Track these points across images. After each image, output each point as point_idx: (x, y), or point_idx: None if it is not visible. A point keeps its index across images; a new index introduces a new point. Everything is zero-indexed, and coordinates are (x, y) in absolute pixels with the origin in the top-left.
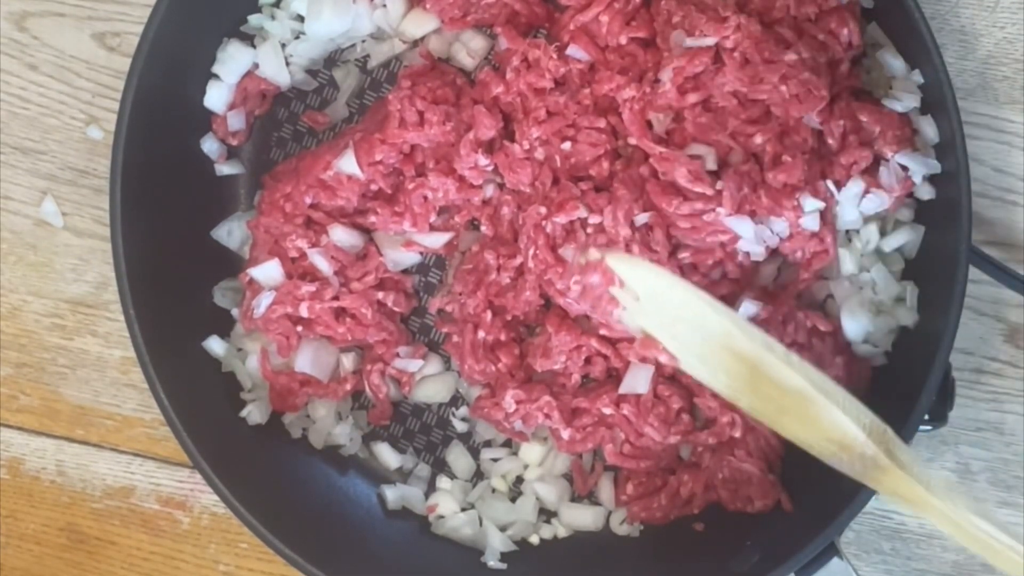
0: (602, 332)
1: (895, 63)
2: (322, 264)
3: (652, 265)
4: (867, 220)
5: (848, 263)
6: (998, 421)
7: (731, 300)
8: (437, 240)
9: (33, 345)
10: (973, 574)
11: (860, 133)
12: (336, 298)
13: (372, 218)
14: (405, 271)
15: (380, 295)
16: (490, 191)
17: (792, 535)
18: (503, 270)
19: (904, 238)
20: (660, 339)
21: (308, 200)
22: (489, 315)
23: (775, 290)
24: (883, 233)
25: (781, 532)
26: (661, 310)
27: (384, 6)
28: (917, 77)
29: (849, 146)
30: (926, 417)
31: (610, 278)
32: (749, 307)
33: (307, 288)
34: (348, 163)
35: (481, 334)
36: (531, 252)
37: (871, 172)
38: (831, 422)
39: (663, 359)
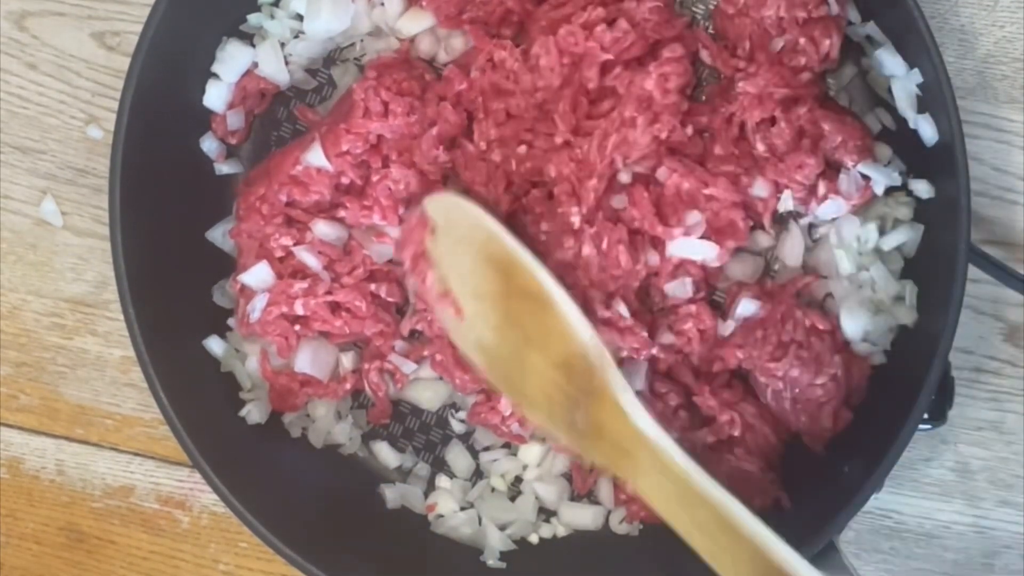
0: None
1: (893, 62)
2: (310, 260)
3: (450, 193)
4: (867, 219)
5: (846, 262)
6: (998, 420)
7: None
8: None
9: (33, 344)
10: (973, 574)
11: (821, 141)
12: (330, 292)
13: (342, 212)
14: (393, 260)
15: (372, 286)
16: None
17: (792, 534)
18: None
19: (903, 237)
20: (448, 278)
21: (283, 198)
22: None
23: (773, 288)
24: (882, 232)
25: (780, 531)
26: (449, 233)
27: (382, 4)
28: (916, 76)
29: (799, 150)
30: (925, 416)
31: (424, 223)
32: (747, 305)
33: (300, 285)
34: (316, 156)
35: None
36: None
37: (830, 178)
38: (566, 328)
39: (450, 315)
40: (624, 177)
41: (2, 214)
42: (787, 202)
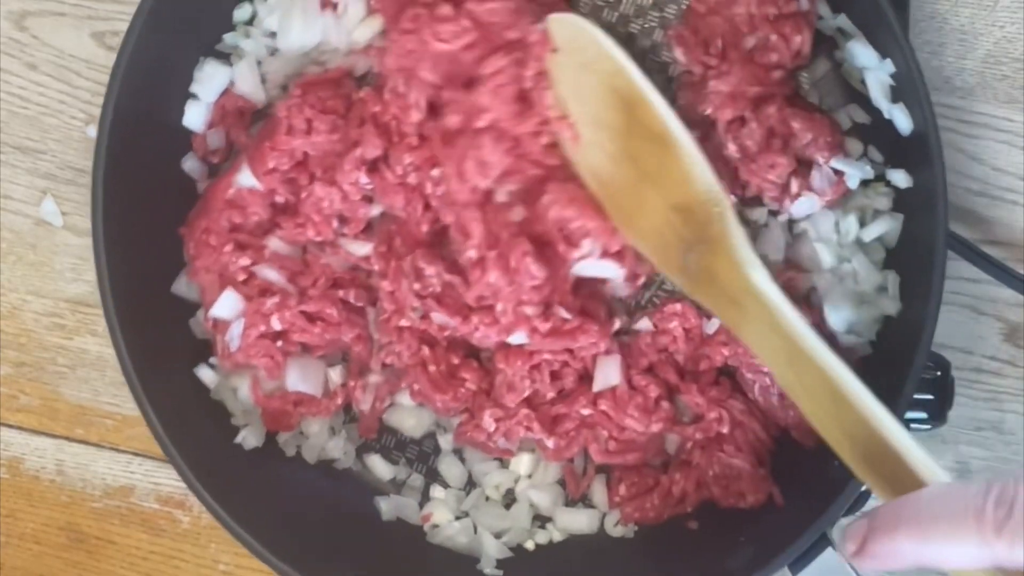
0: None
1: (865, 53)
2: (272, 275)
3: (576, 16)
4: (847, 211)
5: (827, 256)
6: (997, 420)
7: None
8: (359, 248)
9: (33, 344)
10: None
11: (791, 140)
12: (300, 303)
13: (279, 232)
14: (354, 268)
15: (340, 292)
16: (377, 211)
17: (785, 528)
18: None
19: (883, 227)
20: (567, 100)
21: (225, 224)
22: (426, 350)
23: None
24: (863, 223)
25: (774, 526)
26: (572, 56)
27: (347, 13)
28: (888, 66)
29: (770, 150)
30: (925, 416)
31: (545, 41)
32: None
33: (271, 301)
34: (245, 177)
35: (432, 368)
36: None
37: (803, 175)
38: (688, 173)
39: (566, 137)
40: (501, 197)
41: (2, 214)
42: (803, 206)
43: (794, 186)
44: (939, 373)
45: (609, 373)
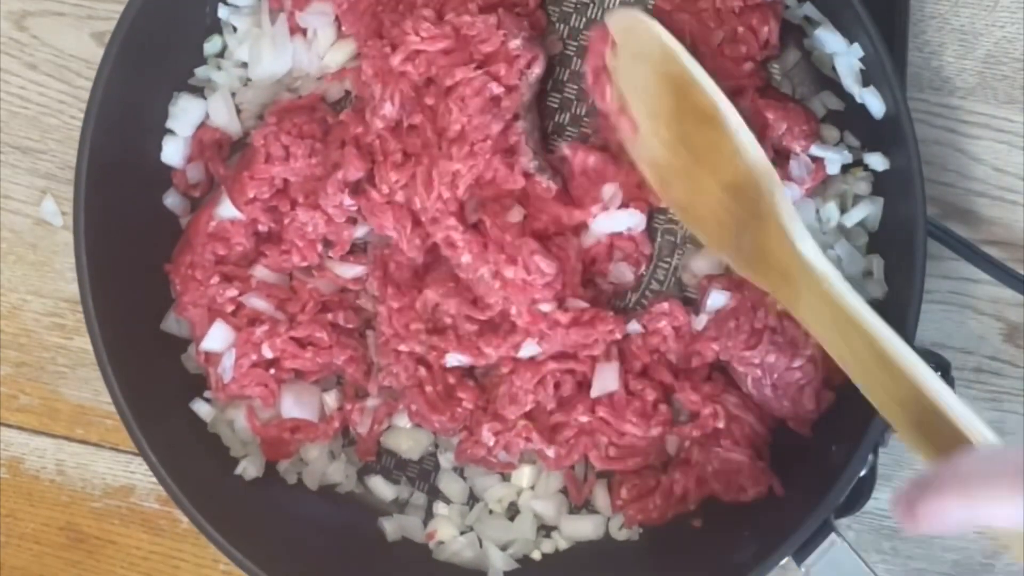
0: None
1: (833, 39)
2: (260, 304)
3: (632, 9)
4: (826, 199)
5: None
6: (998, 420)
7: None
8: (347, 271)
9: (33, 344)
10: (973, 574)
11: (767, 131)
12: (291, 330)
13: (264, 260)
14: (342, 290)
15: (329, 316)
16: (362, 231)
17: (787, 518)
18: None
19: (864, 211)
20: (625, 93)
21: (210, 257)
22: (423, 370)
23: (742, 278)
24: (843, 209)
25: (776, 517)
26: (627, 47)
27: (316, 38)
28: (857, 51)
29: None
30: None
31: (605, 37)
32: (718, 297)
33: (261, 329)
34: (226, 208)
35: (428, 389)
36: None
37: (781, 166)
38: (737, 149)
39: (625, 131)
40: (471, 208)
41: (2, 214)
42: None
43: None
44: (939, 373)
45: (608, 379)
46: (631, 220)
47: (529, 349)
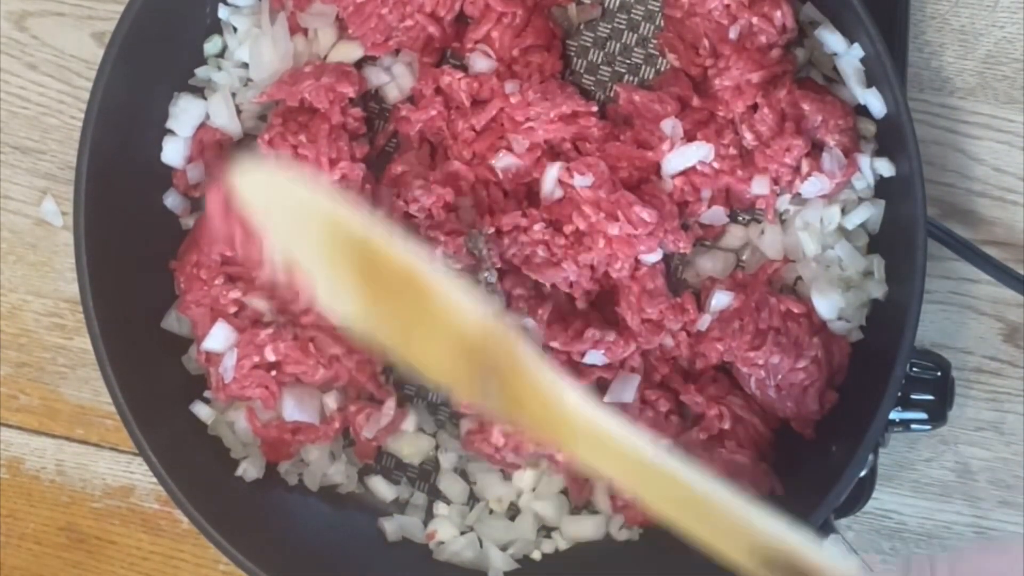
0: None
1: (833, 39)
2: (263, 306)
3: (260, 167)
4: (829, 200)
5: (810, 244)
6: (998, 420)
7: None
8: None
9: (33, 344)
10: None
11: (803, 122)
12: (295, 336)
13: None
14: None
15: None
16: None
17: (787, 516)
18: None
19: (865, 214)
20: (288, 257)
21: (216, 258)
22: None
23: (745, 279)
24: (844, 211)
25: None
26: (278, 214)
27: (317, 39)
28: (857, 51)
29: (784, 133)
30: (925, 417)
31: (230, 207)
32: (722, 298)
33: (265, 332)
34: None
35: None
36: None
37: (814, 157)
38: (453, 313)
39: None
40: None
41: (2, 214)
42: (812, 186)
43: (804, 166)
44: (939, 373)
45: (625, 390)
46: (700, 152)
47: (594, 357)
